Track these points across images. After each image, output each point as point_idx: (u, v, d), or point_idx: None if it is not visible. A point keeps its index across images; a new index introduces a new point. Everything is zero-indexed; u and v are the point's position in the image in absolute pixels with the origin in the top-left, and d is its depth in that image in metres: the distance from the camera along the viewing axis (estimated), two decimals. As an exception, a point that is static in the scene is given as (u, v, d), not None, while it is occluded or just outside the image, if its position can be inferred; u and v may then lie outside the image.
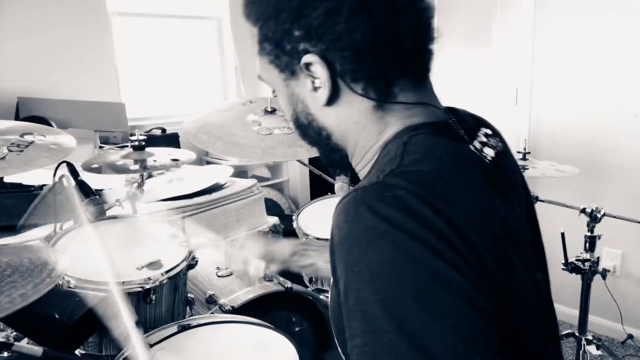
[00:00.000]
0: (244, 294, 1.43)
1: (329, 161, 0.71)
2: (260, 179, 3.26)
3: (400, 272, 0.47)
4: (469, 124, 0.66)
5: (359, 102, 0.60)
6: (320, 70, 0.58)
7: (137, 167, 1.44)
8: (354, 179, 1.26)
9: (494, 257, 0.50)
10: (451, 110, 0.66)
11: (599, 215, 1.82)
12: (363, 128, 0.62)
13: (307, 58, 0.58)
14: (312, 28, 0.56)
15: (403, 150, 0.56)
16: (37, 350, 0.92)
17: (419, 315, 0.44)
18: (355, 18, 0.55)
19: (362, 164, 0.65)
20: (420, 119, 0.61)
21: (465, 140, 0.61)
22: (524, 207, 0.68)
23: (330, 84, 0.59)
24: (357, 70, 0.58)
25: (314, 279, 1.63)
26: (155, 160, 1.48)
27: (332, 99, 0.60)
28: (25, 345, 0.94)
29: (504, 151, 0.66)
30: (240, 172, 3.12)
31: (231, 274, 1.58)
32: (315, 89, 0.60)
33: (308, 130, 0.67)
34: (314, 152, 1.06)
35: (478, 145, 0.62)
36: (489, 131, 0.66)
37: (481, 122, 0.68)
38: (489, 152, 0.62)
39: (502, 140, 0.70)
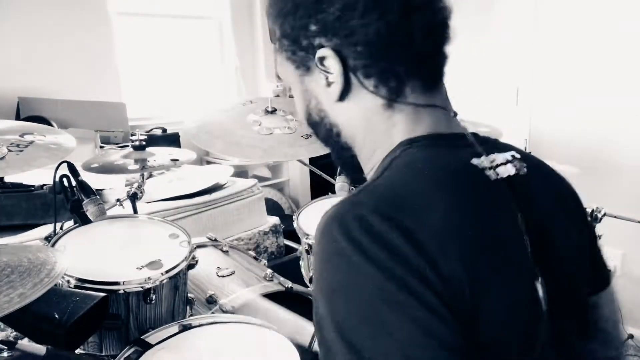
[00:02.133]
0: (244, 294, 1.43)
1: (340, 160, 0.71)
2: (261, 179, 3.26)
3: (351, 293, 0.48)
4: (491, 142, 0.65)
5: (369, 100, 0.61)
6: (333, 64, 0.59)
7: (136, 166, 1.44)
8: (354, 179, 1.26)
9: (459, 269, 0.50)
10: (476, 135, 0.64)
11: (599, 215, 1.82)
12: (371, 130, 0.63)
13: (321, 52, 0.59)
14: (328, 23, 0.58)
15: (388, 165, 0.57)
16: (40, 349, 0.92)
17: (366, 336, 0.46)
18: (369, 14, 0.56)
19: (368, 168, 0.66)
20: (424, 129, 0.60)
21: (470, 150, 0.59)
22: (555, 221, 0.65)
23: (343, 79, 0.60)
24: (369, 65, 0.59)
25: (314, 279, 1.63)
26: (155, 160, 1.48)
27: (344, 94, 0.61)
28: (27, 344, 0.94)
29: (528, 177, 0.62)
30: (241, 172, 3.13)
31: (231, 274, 1.58)
32: (329, 84, 0.61)
33: (320, 127, 0.68)
34: (315, 152, 1.06)
35: (489, 160, 0.59)
36: (517, 155, 0.63)
37: (512, 148, 0.66)
38: (504, 170, 0.59)
39: (539, 172, 0.67)
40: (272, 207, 3.20)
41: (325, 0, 0.58)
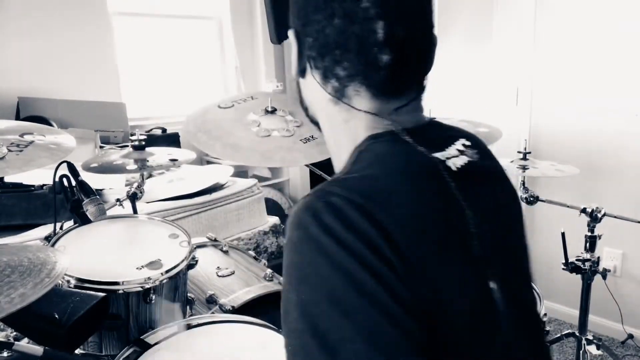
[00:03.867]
0: (244, 294, 1.43)
1: (318, 130, 0.74)
2: (261, 178, 3.27)
3: (320, 275, 0.49)
4: (446, 133, 0.67)
5: (320, 90, 0.65)
6: (293, 45, 0.66)
7: (135, 166, 1.44)
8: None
9: (423, 259, 0.52)
10: (431, 124, 0.67)
11: (599, 215, 1.82)
12: (330, 117, 0.67)
13: (290, 30, 0.67)
14: (297, 8, 0.65)
15: (356, 158, 0.60)
16: (38, 349, 0.92)
17: (331, 318, 0.46)
18: (319, 12, 0.60)
19: (336, 161, 0.69)
20: (385, 127, 0.62)
21: (427, 146, 0.61)
22: (501, 216, 0.68)
23: (297, 61, 0.67)
24: (316, 59, 0.63)
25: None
26: (154, 160, 1.48)
27: (302, 73, 0.67)
28: (25, 344, 0.94)
29: (479, 161, 0.65)
30: (241, 172, 3.13)
31: (231, 274, 1.58)
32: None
33: (299, 96, 0.74)
34: (312, 158, 1.07)
35: (445, 154, 0.62)
36: (468, 142, 0.66)
37: (462, 134, 0.68)
38: (461, 160, 0.62)
39: (483, 152, 0.68)
40: (272, 207, 3.20)
41: None
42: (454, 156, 0.62)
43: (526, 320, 0.68)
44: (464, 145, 0.65)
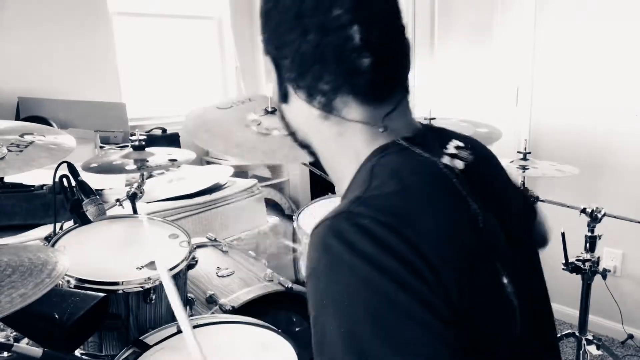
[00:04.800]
0: (244, 294, 1.43)
1: (309, 156, 0.73)
2: (261, 179, 3.26)
3: (361, 304, 0.48)
4: (438, 137, 0.67)
5: (307, 108, 0.63)
6: (272, 71, 0.65)
7: (134, 167, 1.43)
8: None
9: (451, 270, 0.51)
10: (425, 128, 0.67)
11: (599, 215, 1.82)
12: (322, 135, 0.65)
13: (265, 57, 0.67)
14: (270, 32, 0.65)
15: (371, 174, 0.58)
16: (37, 351, 0.92)
17: (379, 348, 0.46)
18: (293, 31, 0.60)
19: (337, 177, 0.67)
20: (385, 138, 0.62)
21: (433, 153, 0.61)
22: (506, 213, 0.68)
23: (278, 86, 0.66)
24: (297, 79, 0.62)
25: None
26: (153, 160, 1.48)
27: (284, 98, 0.66)
28: (25, 346, 0.94)
29: (475, 162, 0.65)
30: (240, 172, 3.13)
31: (231, 274, 1.58)
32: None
33: (283, 122, 0.72)
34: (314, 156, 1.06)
35: (447, 157, 0.62)
36: (460, 143, 0.66)
37: (452, 135, 0.69)
38: (458, 164, 0.63)
39: (477, 152, 0.68)
40: (272, 207, 3.20)
41: (272, 11, 0.65)
42: (456, 158, 0.62)
43: (537, 312, 0.68)
44: (456, 147, 0.65)
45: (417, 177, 0.57)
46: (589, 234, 1.86)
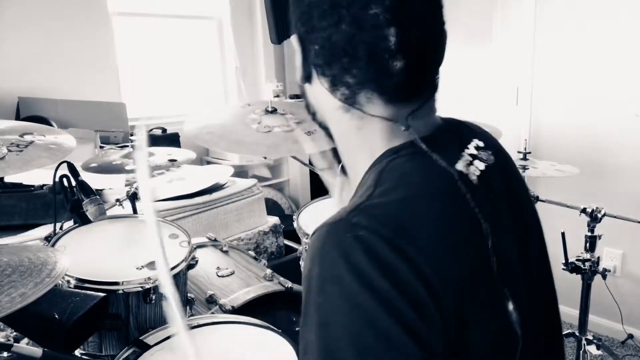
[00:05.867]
0: (244, 294, 1.43)
1: (327, 137, 0.71)
2: (261, 178, 3.26)
3: (344, 322, 0.46)
4: (459, 135, 0.64)
5: (329, 97, 0.61)
6: (297, 51, 0.62)
7: (133, 166, 1.43)
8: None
9: (456, 297, 0.49)
10: (445, 125, 0.64)
11: (599, 215, 1.82)
12: (341, 125, 0.63)
13: (293, 36, 0.63)
14: (301, 13, 0.61)
15: (378, 179, 0.56)
16: (37, 351, 0.92)
17: None
18: (325, 18, 0.57)
19: (352, 173, 0.65)
20: (402, 136, 0.59)
21: (448, 156, 0.59)
22: (523, 218, 0.66)
23: (303, 66, 0.63)
24: (323, 67, 0.60)
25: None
26: (153, 160, 1.48)
27: (307, 80, 0.64)
28: (25, 346, 0.94)
29: (494, 166, 0.63)
30: (241, 172, 3.13)
31: (231, 274, 1.58)
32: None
33: (305, 100, 0.70)
34: (319, 147, 1.06)
35: (465, 162, 0.59)
36: (481, 143, 0.64)
37: (474, 133, 0.66)
38: (479, 166, 0.60)
39: (497, 152, 0.66)
40: (272, 207, 3.20)
41: None
42: (471, 163, 0.60)
43: (545, 346, 0.66)
44: (477, 147, 0.62)
45: (426, 187, 0.55)
46: (589, 234, 1.86)
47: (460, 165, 0.58)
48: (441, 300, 0.48)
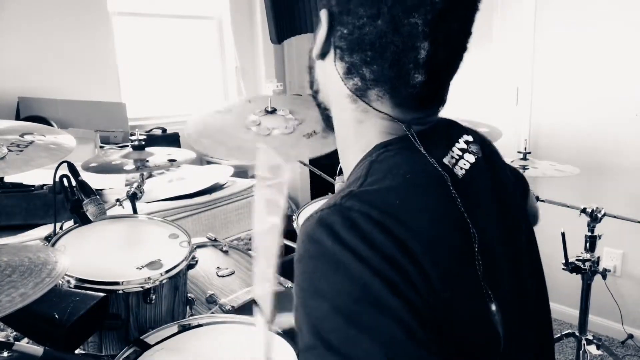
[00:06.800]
0: (244, 294, 1.43)
1: (322, 118, 0.71)
2: (261, 179, 3.26)
3: (336, 289, 0.47)
4: (449, 131, 0.65)
5: (340, 82, 0.61)
6: (323, 28, 0.60)
7: (132, 166, 1.43)
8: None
9: (444, 278, 0.50)
10: (438, 122, 0.65)
11: (599, 215, 1.82)
12: (343, 112, 0.63)
13: (322, 10, 0.60)
14: None
15: (368, 170, 0.56)
16: (38, 350, 0.92)
17: (347, 332, 0.45)
18: (363, 8, 0.56)
19: (344, 163, 0.66)
20: (396, 133, 0.60)
21: (438, 151, 0.60)
22: (510, 211, 0.67)
23: (322, 42, 0.61)
24: (344, 51, 0.59)
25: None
26: (153, 160, 1.48)
27: (321, 57, 0.63)
28: (25, 344, 0.94)
29: (483, 158, 0.64)
30: (240, 172, 3.13)
31: (231, 274, 1.58)
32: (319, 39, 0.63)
33: (310, 76, 0.69)
34: (318, 152, 1.06)
35: (457, 154, 0.61)
36: (470, 138, 0.65)
37: (464, 130, 0.67)
38: (469, 159, 0.61)
39: (486, 147, 0.67)
40: (272, 207, 3.19)
41: None
42: (459, 158, 0.61)
43: (529, 352, 0.66)
44: (466, 142, 0.64)
45: (413, 179, 0.56)
46: (589, 233, 1.86)
47: (447, 160, 0.59)
48: (431, 280, 0.49)
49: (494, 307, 0.56)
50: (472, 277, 0.55)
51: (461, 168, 0.60)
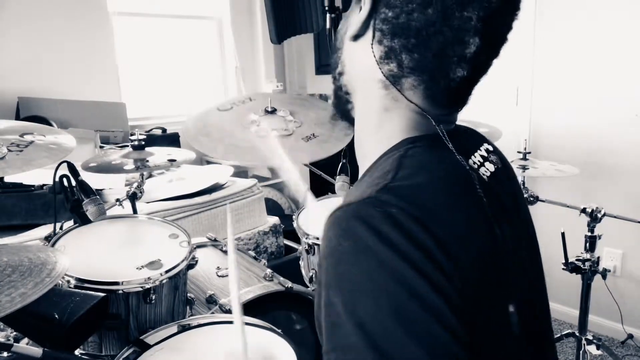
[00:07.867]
0: (244, 294, 1.43)
1: (335, 104, 0.69)
2: (261, 178, 3.27)
3: (382, 289, 0.46)
4: (470, 139, 0.66)
5: (373, 66, 0.59)
6: (365, 7, 0.58)
7: (132, 166, 1.43)
8: (354, 179, 1.26)
9: (476, 278, 0.50)
10: (458, 128, 0.66)
11: (599, 215, 1.82)
12: (369, 99, 0.61)
13: None
14: None
15: (399, 164, 0.55)
16: (37, 351, 0.92)
17: (394, 332, 0.44)
18: None
19: (361, 155, 0.65)
20: (421, 130, 0.59)
21: (462, 154, 0.59)
22: (519, 228, 0.68)
23: (360, 22, 0.59)
24: (385, 34, 0.57)
25: (314, 279, 1.63)
26: (153, 160, 1.48)
27: (355, 38, 0.60)
28: (25, 346, 0.94)
29: (502, 169, 0.65)
30: (241, 172, 3.13)
31: (231, 274, 1.57)
32: (357, 21, 0.60)
33: (334, 57, 0.67)
34: (316, 156, 1.06)
35: (478, 160, 0.61)
36: (490, 147, 0.66)
37: (483, 139, 0.68)
38: (490, 168, 0.62)
39: (502, 158, 0.69)
40: (272, 207, 3.20)
41: None
42: (482, 164, 0.61)
43: (539, 353, 0.67)
44: (487, 150, 0.64)
45: (444, 174, 0.55)
46: (589, 233, 1.87)
47: (472, 162, 0.60)
48: (468, 280, 0.49)
49: (512, 308, 0.56)
50: (495, 278, 0.55)
51: (483, 174, 0.60)
